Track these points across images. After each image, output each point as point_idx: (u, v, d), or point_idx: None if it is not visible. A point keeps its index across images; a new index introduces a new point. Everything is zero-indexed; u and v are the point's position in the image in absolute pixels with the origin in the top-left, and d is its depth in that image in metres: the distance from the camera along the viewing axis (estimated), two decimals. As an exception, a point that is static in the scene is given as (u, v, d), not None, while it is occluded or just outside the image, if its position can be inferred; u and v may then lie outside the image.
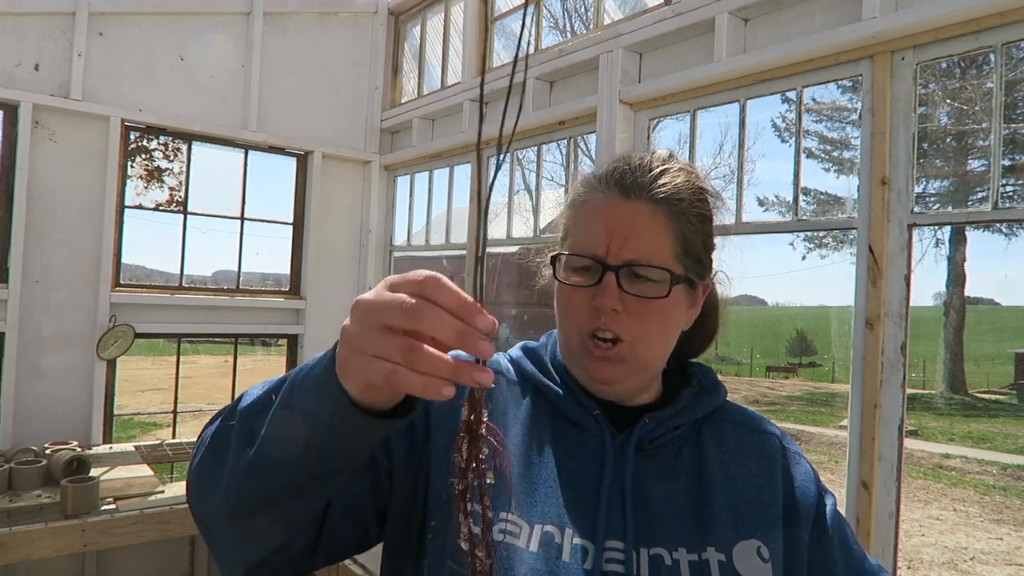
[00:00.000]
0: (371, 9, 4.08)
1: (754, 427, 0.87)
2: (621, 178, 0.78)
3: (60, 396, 3.12)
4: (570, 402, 0.82)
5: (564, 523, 0.74)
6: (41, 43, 3.06)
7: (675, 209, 0.78)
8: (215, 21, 3.52)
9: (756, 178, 21.93)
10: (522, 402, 0.84)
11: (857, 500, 1.86)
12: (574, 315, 0.77)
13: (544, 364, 0.86)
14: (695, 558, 0.74)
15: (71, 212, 3.15)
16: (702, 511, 0.78)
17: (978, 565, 5.92)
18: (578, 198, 0.81)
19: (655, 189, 0.77)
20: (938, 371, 19.08)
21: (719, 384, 0.88)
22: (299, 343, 3.85)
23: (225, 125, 3.55)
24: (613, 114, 2.58)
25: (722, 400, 0.88)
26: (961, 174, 15.74)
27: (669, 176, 0.78)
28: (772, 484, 0.81)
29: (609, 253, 0.75)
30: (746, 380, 20.75)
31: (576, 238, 0.79)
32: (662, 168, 0.79)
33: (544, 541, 0.73)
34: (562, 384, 0.83)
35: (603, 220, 0.76)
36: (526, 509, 0.75)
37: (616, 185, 0.78)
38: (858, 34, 1.89)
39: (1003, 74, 1.75)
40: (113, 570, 3.03)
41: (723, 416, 0.87)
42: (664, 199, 0.77)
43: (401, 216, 4.13)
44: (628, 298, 0.75)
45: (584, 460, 0.79)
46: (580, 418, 0.81)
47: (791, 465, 0.84)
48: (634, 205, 0.76)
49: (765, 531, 0.78)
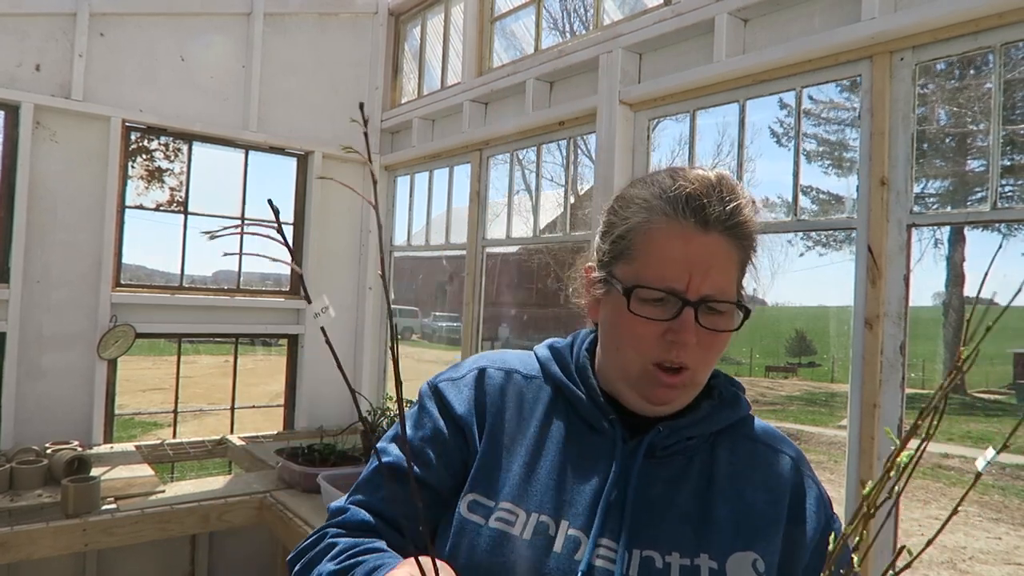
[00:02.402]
0: (371, 9, 4.09)
1: (771, 445, 0.87)
2: (699, 208, 0.76)
3: (61, 396, 3.12)
4: (588, 405, 0.83)
5: (560, 515, 0.77)
6: (42, 44, 3.06)
7: (746, 243, 0.79)
8: (215, 21, 3.53)
9: (756, 178, 21.94)
10: (540, 397, 0.86)
11: (857, 500, 1.86)
12: (641, 345, 0.77)
13: (568, 366, 0.88)
14: (687, 563, 0.75)
15: (72, 212, 3.15)
16: (703, 519, 0.78)
17: (977, 564, 5.92)
18: (646, 223, 0.78)
19: (731, 222, 0.77)
20: (937, 371, 19.08)
21: (740, 398, 0.88)
22: (299, 343, 3.85)
23: (225, 125, 3.55)
24: (613, 114, 2.58)
25: (743, 414, 0.88)
26: (960, 174, 15.74)
27: (741, 207, 0.78)
28: (779, 503, 0.81)
29: (689, 289, 0.74)
30: (746, 380, 20.71)
31: (650, 268, 0.77)
32: (736, 201, 0.77)
33: (538, 530, 0.75)
34: (583, 387, 0.85)
35: (682, 253, 0.75)
36: (526, 499, 0.78)
37: (693, 215, 0.76)
38: (857, 34, 1.90)
39: (1002, 74, 1.75)
40: (114, 570, 3.03)
41: (743, 431, 0.87)
42: (740, 234, 0.77)
43: (401, 216, 4.14)
44: (701, 331, 0.75)
45: (592, 459, 0.80)
46: (595, 421, 0.83)
47: (802, 489, 0.84)
48: (712, 239, 0.76)
49: (764, 546, 0.78)
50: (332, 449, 2.83)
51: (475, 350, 3.40)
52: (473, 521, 0.78)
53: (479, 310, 3.41)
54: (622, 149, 2.57)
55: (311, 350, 3.84)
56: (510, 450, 0.82)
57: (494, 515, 0.77)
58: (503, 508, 0.77)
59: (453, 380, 0.89)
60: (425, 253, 4.08)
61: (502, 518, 0.77)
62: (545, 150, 3.21)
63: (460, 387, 0.88)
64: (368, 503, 0.85)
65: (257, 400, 7.46)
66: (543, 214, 3.32)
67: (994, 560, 6.05)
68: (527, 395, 0.86)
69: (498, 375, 0.88)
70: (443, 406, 0.86)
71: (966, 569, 5.83)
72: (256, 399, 7.97)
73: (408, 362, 16.35)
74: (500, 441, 0.83)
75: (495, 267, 8.94)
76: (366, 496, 0.86)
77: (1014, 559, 6.10)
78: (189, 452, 3.37)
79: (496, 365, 0.89)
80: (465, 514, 0.79)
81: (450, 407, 0.86)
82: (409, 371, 6.57)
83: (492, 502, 0.79)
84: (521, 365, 0.90)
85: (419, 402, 0.90)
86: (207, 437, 3.55)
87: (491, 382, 0.87)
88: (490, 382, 0.87)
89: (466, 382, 0.88)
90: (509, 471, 0.80)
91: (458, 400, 0.86)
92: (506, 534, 0.75)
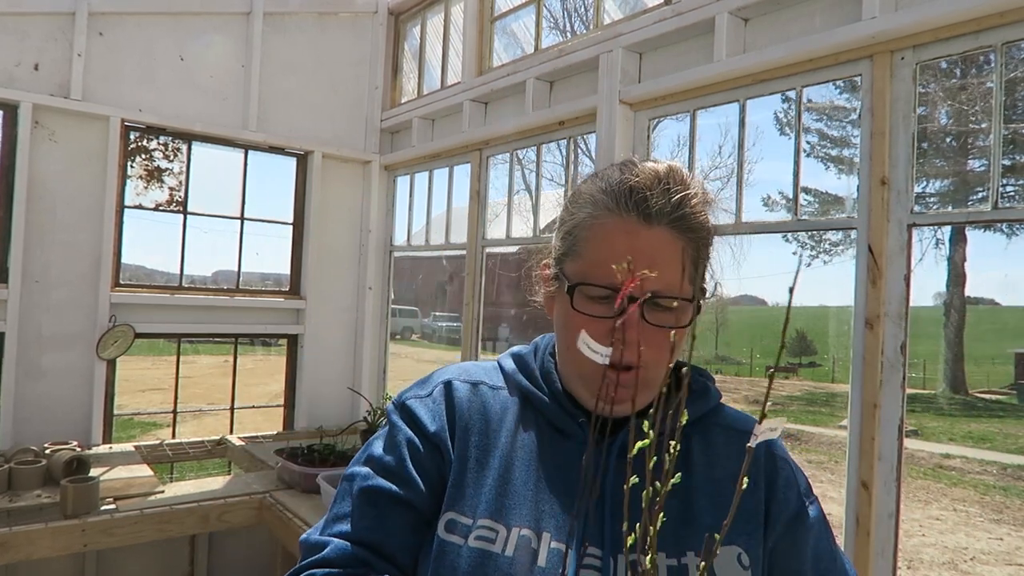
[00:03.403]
0: (371, 9, 4.08)
1: (743, 430, 0.86)
2: (641, 201, 0.74)
3: (60, 396, 3.12)
4: (556, 410, 0.82)
5: (541, 527, 0.74)
6: (41, 43, 3.06)
7: (694, 236, 0.76)
8: (215, 21, 3.52)
9: (756, 178, 21.93)
10: (508, 408, 0.84)
11: (857, 500, 1.86)
12: None
13: (532, 372, 0.86)
14: (674, 563, 0.74)
15: (71, 212, 3.15)
16: (684, 515, 0.77)
17: (978, 565, 5.92)
18: (591, 218, 0.77)
19: (676, 215, 0.74)
20: (939, 371, 19.07)
21: (710, 388, 0.87)
22: (299, 343, 3.85)
23: (225, 125, 3.55)
24: (613, 114, 2.58)
25: (713, 404, 0.87)
26: (961, 174, 15.74)
27: (688, 199, 0.76)
28: (756, 489, 0.81)
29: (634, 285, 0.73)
30: (746, 380, 20.72)
31: (593, 265, 0.76)
32: (682, 193, 0.75)
33: (520, 545, 0.73)
34: (549, 392, 0.83)
35: (625, 248, 0.73)
36: (504, 513, 0.76)
37: (635, 208, 0.74)
38: (858, 34, 1.89)
39: (1003, 74, 1.74)
40: (113, 570, 3.03)
41: (714, 420, 0.86)
42: (686, 227, 0.75)
43: (401, 216, 4.14)
44: (648, 328, 0.73)
45: (567, 466, 0.79)
46: (565, 425, 0.81)
47: (774, 470, 0.83)
48: (656, 232, 0.74)
49: (747, 538, 0.77)
50: (332, 449, 2.83)
51: (475, 350, 3.40)
52: (452, 542, 0.75)
53: (479, 310, 3.41)
54: (622, 149, 2.56)
55: (311, 350, 3.83)
56: (483, 464, 0.80)
57: (473, 533, 0.74)
58: (482, 525, 0.75)
59: (421, 397, 0.86)
60: (425, 253, 4.07)
61: (482, 536, 0.74)
62: (545, 150, 3.21)
63: (428, 403, 0.85)
64: (352, 534, 0.77)
65: (257, 400, 7.46)
66: (543, 214, 3.31)
67: (995, 561, 6.05)
68: (495, 406, 0.84)
69: (464, 388, 0.86)
70: (414, 424, 0.83)
71: (967, 570, 5.82)
72: (256, 399, 7.97)
73: (408, 362, 16.35)
74: (473, 456, 0.80)
75: (495, 267, 8.90)
76: (347, 526, 0.78)
77: (1015, 560, 6.09)
78: (188, 452, 3.36)
79: (462, 378, 0.87)
80: (443, 535, 0.75)
81: (421, 424, 0.83)
82: (409, 371, 6.65)
83: (470, 520, 0.76)
84: (486, 376, 0.88)
85: (389, 422, 0.86)
86: (206, 437, 3.54)
87: (459, 395, 0.85)
88: (458, 395, 0.85)
89: (434, 398, 0.85)
90: (484, 486, 0.78)
91: (428, 417, 0.83)
92: (488, 553, 0.73)
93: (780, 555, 0.80)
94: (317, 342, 3.87)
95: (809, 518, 0.82)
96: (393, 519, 0.77)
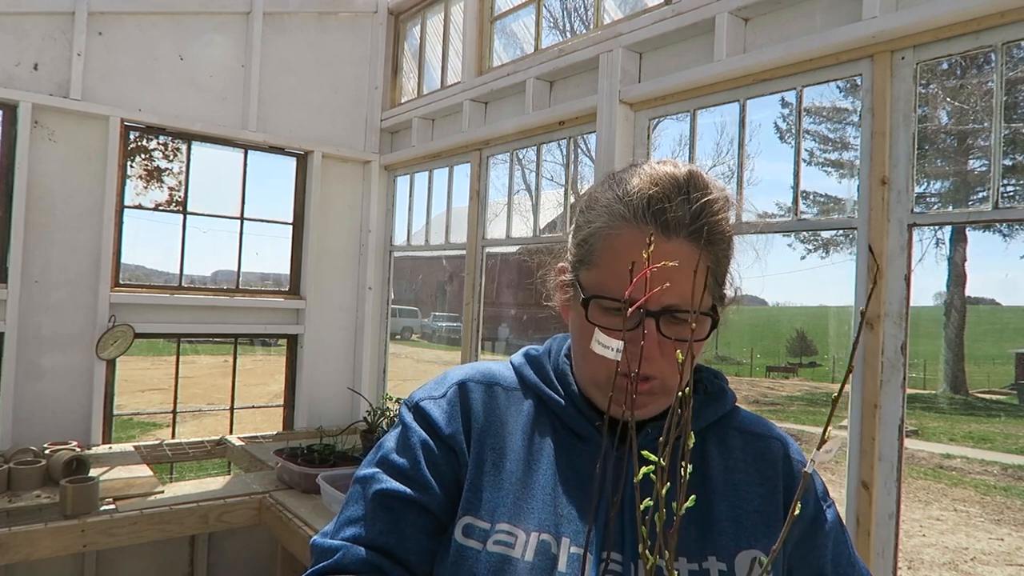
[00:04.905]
0: (371, 9, 4.08)
1: (760, 433, 0.85)
2: (659, 213, 0.72)
3: (60, 396, 3.12)
4: (572, 412, 0.81)
5: (561, 532, 0.73)
6: (40, 43, 3.06)
7: (713, 247, 0.74)
8: (215, 21, 3.52)
9: (755, 177, 21.93)
10: (522, 409, 0.83)
11: (857, 500, 1.86)
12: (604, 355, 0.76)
13: (547, 374, 0.85)
14: (695, 568, 0.73)
15: (71, 212, 3.15)
16: (704, 520, 0.77)
17: (979, 566, 5.91)
18: (607, 228, 0.75)
19: (695, 226, 0.73)
20: (939, 371, 19.07)
21: (726, 391, 0.86)
22: (299, 343, 3.84)
23: (225, 125, 3.55)
24: (613, 114, 2.57)
25: (730, 407, 0.86)
26: (961, 174, 15.74)
27: (708, 208, 0.74)
28: (775, 493, 0.80)
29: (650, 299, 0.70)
30: (746, 380, 20.72)
31: (609, 277, 0.74)
32: (702, 199, 0.73)
33: (540, 550, 0.72)
34: (564, 394, 0.82)
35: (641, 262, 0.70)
36: (523, 518, 0.74)
37: (653, 220, 0.72)
38: (858, 34, 1.89)
39: (1003, 73, 1.74)
40: (113, 570, 3.03)
41: (731, 423, 0.85)
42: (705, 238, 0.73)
43: (401, 216, 4.14)
44: (666, 341, 0.72)
45: (584, 469, 0.78)
46: (582, 429, 0.80)
47: (792, 478, 0.82)
48: (675, 245, 0.72)
49: (767, 542, 0.76)
50: (332, 449, 2.83)
51: (475, 350, 3.40)
52: (470, 547, 0.73)
53: (479, 310, 3.41)
54: (622, 149, 2.56)
55: (310, 350, 3.83)
56: (499, 467, 0.78)
57: (492, 538, 0.73)
58: (500, 529, 0.73)
59: (435, 398, 0.84)
60: (425, 253, 4.07)
61: (501, 540, 0.72)
62: (545, 150, 3.21)
63: (443, 405, 0.83)
64: (365, 538, 0.75)
65: (256, 400, 7.46)
66: (543, 214, 3.31)
67: (996, 561, 6.04)
68: (510, 408, 0.83)
69: (479, 389, 0.84)
70: (428, 425, 0.81)
71: (968, 570, 5.82)
72: (255, 399, 7.97)
73: (408, 362, 16.36)
74: (489, 458, 0.78)
75: (495, 267, 8.91)
76: (361, 530, 0.76)
77: (1016, 560, 6.09)
78: (188, 452, 3.36)
79: (475, 379, 0.85)
80: (461, 540, 0.74)
81: (436, 426, 0.80)
82: (409, 371, 6.65)
83: (488, 524, 0.74)
84: (500, 377, 0.86)
85: (401, 423, 0.84)
86: (206, 437, 3.54)
87: (473, 396, 0.83)
88: (472, 397, 0.83)
89: (448, 399, 0.83)
90: (501, 489, 0.76)
91: (443, 418, 0.81)
92: (507, 557, 0.71)
93: (799, 558, 0.80)
94: (317, 342, 3.87)
95: (827, 521, 0.82)
96: (408, 523, 0.75)
